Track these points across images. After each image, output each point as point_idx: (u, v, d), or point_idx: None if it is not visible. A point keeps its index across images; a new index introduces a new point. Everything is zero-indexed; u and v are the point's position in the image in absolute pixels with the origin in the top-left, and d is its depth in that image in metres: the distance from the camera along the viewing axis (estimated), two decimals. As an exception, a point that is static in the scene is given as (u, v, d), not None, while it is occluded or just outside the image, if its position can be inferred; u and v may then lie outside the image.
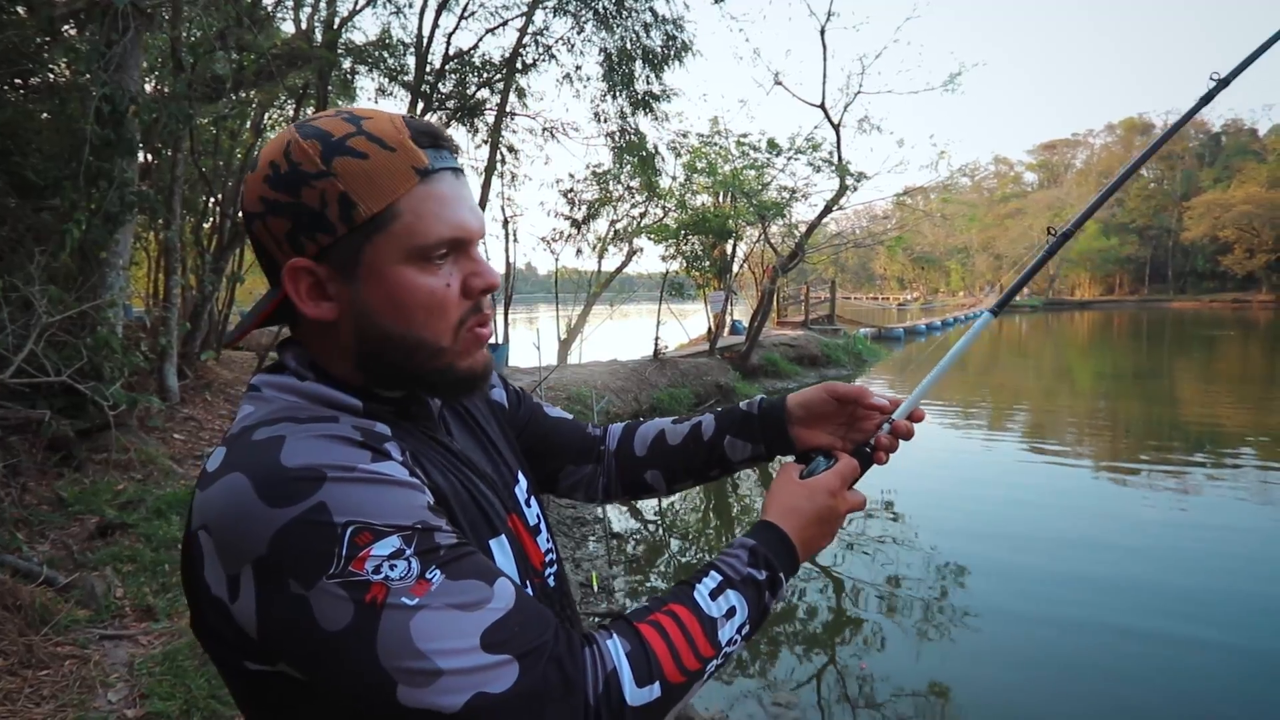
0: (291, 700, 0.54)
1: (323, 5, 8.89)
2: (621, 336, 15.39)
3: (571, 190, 12.38)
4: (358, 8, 8.77)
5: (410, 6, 9.27)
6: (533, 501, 0.74)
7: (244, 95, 9.09)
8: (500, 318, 11.87)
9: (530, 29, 9.36)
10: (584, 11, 9.25)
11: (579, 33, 9.60)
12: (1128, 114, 63.39)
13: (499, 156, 10.48)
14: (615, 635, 0.56)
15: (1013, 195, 68.52)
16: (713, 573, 0.63)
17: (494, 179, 10.32)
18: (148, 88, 7.12)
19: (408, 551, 0.50)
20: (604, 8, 9.17)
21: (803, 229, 13.82)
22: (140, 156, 5.77)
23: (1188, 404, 12.17)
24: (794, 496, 0.70)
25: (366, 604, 0.48)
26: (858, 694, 3.44)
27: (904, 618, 4.18)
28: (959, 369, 18.17)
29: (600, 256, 13.26)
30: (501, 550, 0.63)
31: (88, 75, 4.44)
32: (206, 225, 10.97)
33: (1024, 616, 4.18)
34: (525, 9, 9.30)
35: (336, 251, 0.57)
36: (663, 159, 11.25)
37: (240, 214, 0.61)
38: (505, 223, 11.99)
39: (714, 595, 0.61)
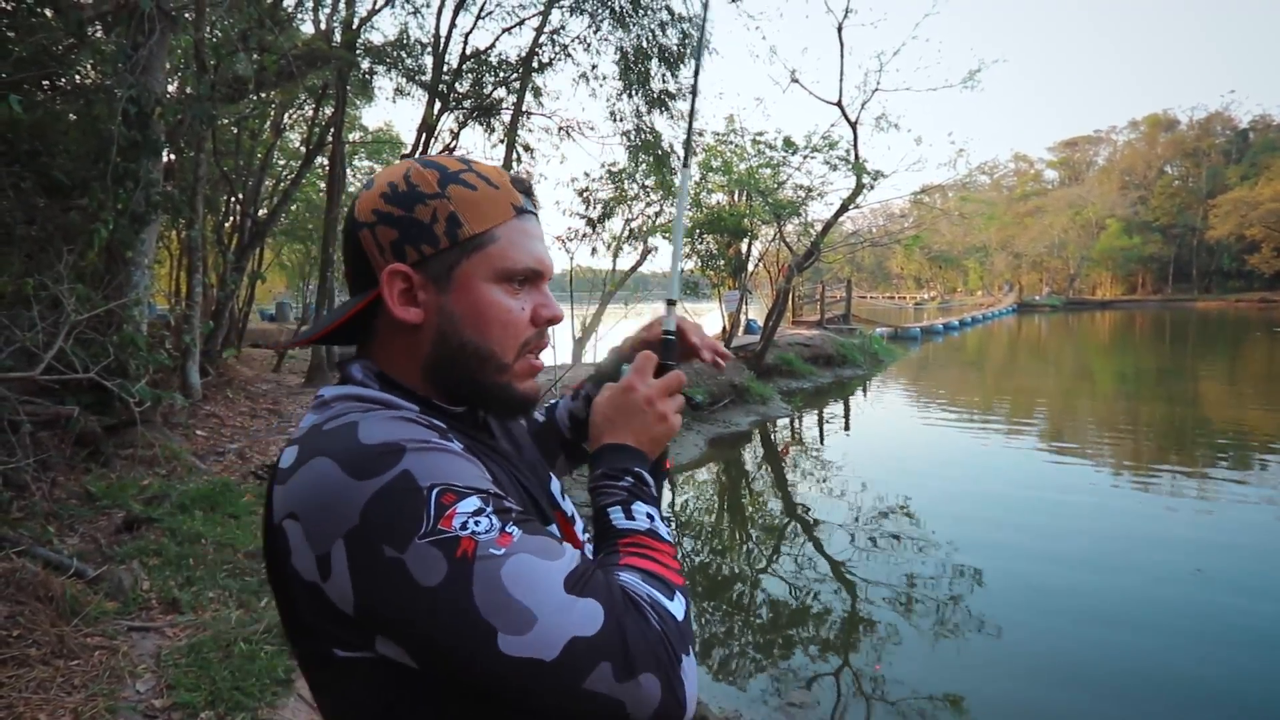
0: (382, 691, 0.56)
1: (342, 6, 8.98)
2: (636, 335, 15.32)
3: (587, 189, 12.39)
4: (376, 8, 8.86)
5: (428, 7, 9.34)
6: (566, 498, 0.81)
7: (265, 95, 9.21)
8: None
9: (547, 28, 9.40)
10: (601, 10, 9.27)
11: (595, 31, 9.62)
12: (1152, 109, 62.17)
13: (515, 155, 10.52)
14: (622, 573, 0.60)
15: (1033, 193, 67.59)
16: (607, 508, 0.67)
17: (510, 178, 10.36)
18: (171, 89, 7.23)
19: (487, 510, 0.55)
20: (620, 6, 9.17)
21: (818, 228, 13.75)
22: (164, 157, 5.86)
23: (1213, 407, 11.96)
24: (603, 410, 0.75)
25: (458, 558, 0.52)
26: (871, 695, 3.43)
27: (919, 620, 4.16)
28: (977, 370, 17.96)
29: (615, 255, 13.26)
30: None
31: (114, 77, 4.52)
32: (228, 224, 11.14)
33: (1041, 624, 4.14)
34: (542, 8, 9.34)
35: (434, 262, 0.64)
36: (678, 157, 11.23)
37: (346, 224, 0.68)
38: (521, 222, 12.03)
39: (629, 517, 0.66)
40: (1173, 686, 3.44)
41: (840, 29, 12.46)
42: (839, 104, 12.57)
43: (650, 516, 0.66)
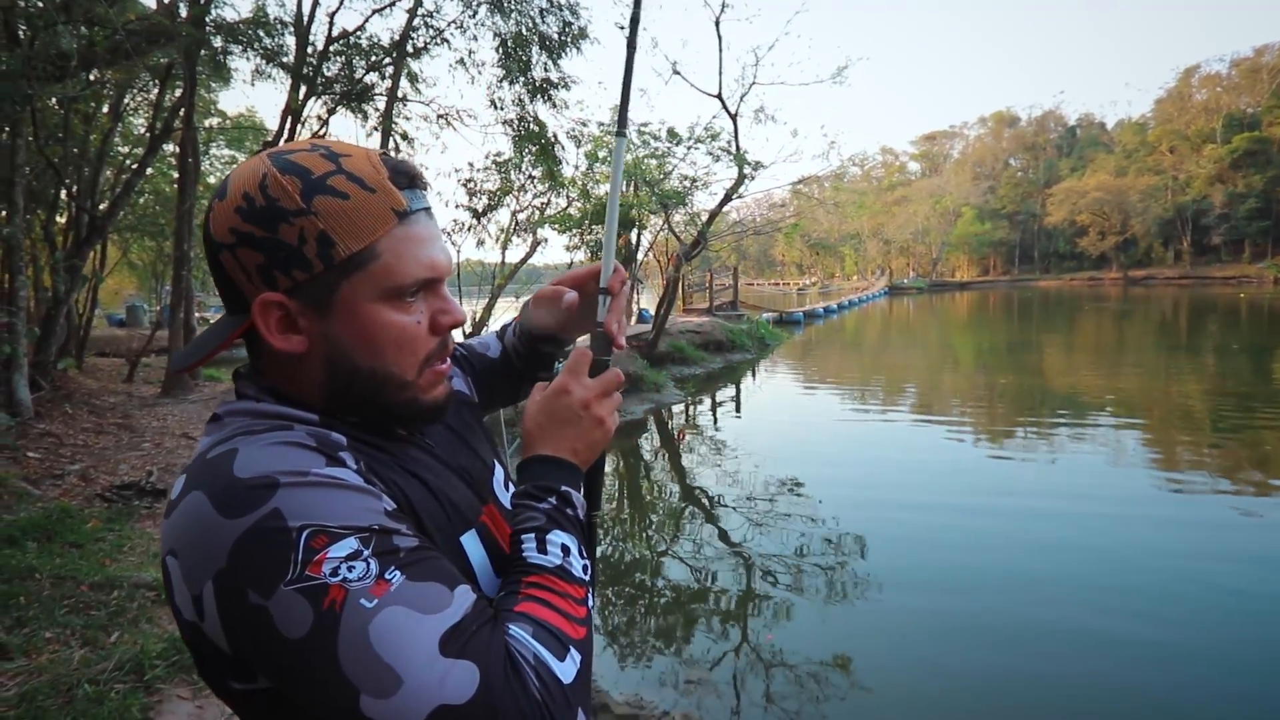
0: (279, 716, 0.54)
1: (186, -22, 8.14)
2: (529, 328, 15.12)
3: (471, 180, 12.01)
4: (227, -18, 8.12)
5: (287, -18, 8.67)
6: (510, 487, 0.74)
7: (98, 75, 8.23)
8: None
9: (420, 10, 9.00)
10: (476, -6, 8.97)
11: (472, 16, 9.30)
12: (997, 107, 68.54)
13: (393, 145, 10.03)
14: (512, 624, 0.55)
15: (899, 184, 72.58)
16: (523, 536, 0.62)
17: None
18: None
19: (365, 553, 0.50)
20: (497, -9, 8.92)
21: (704, 217, 14.07)
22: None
23: (1057, 374, 13.35)
24: (534, 416, 0.69)
25: (325, 609, 0.48)
26: (768, 666, 3.56)
27: (810, 588, 4.36)
28: (856, 350, 19.09)
29: (504, 248, 12.98)
30: (474, 543, 0.64)
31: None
32: (62, 219, 9.92)
33: (920, 581, 4.47)
34: (414, -10, 8.92)
35: (311, 288, 0.57)
36: (563, 148, 11.10)
37: (205, 240, 0.60)
38: (401, 214, 11.50)
39: (541, 549, 0.60)
40: (1007, 596, 3.82)
41: (718, 23, 12.77)
42: (719, 96, 12.89)
43: (565, 549, 0.61)
